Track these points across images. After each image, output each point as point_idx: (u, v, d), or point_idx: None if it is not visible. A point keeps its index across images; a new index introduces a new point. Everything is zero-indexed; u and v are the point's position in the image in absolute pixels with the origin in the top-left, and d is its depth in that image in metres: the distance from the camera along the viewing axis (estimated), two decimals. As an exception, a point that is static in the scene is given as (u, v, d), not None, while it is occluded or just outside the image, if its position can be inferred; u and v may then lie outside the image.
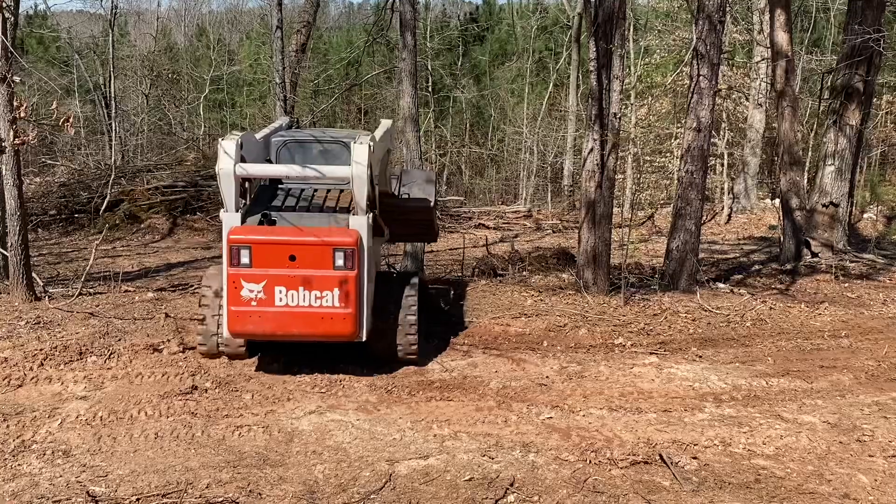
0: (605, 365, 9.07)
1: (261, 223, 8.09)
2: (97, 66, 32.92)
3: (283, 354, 8.71)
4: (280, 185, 8.96)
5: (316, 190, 8.88)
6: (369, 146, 7.81)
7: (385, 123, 10.37)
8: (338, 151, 9.11)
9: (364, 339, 8.11)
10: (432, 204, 11.04)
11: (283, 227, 8.06)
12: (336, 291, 7.78)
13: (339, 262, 7.76)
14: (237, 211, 8.09)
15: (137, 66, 36.18)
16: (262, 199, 8.69)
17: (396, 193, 10.91)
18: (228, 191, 8.01)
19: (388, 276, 9.08)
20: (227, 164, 7.91)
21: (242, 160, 8.10)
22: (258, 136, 9.16)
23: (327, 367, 8.45)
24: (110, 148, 26.37)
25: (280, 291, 7.80)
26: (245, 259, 7.82)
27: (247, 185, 8.73)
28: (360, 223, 7.98)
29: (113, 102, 27.87)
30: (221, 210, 8.26)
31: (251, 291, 7.82)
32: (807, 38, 31.09)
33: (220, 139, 8.17)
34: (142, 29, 44.34)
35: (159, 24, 42.89)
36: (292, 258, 7.80)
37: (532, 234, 23.71)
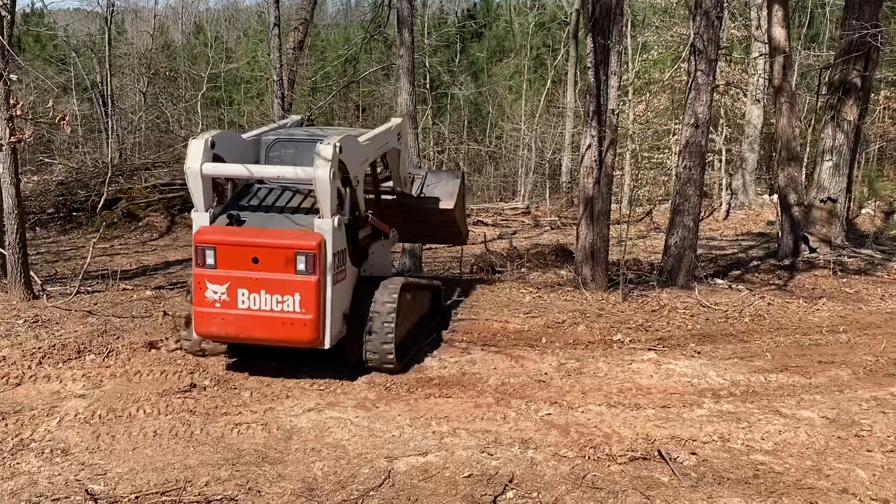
0: (604, 361, 9.08)
1: (229, 224, 7.93)
2: (94, 64, 32.90)
3: (273, 354, 8.66)
4: (262, 185, 8.74)
5: (297, 190, 8.64)
6: (335, 147, 7.59)
7: (394, 121, 10.28)
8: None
9: (327, 345, 7.82)
10: (452, 205, 10.89)
11: (248, 229, 7.89)
12: (297, 296, 7.55)
13: (301, 266, 7.52)
14: (206, 210, 7.99)
15: (135, 63, 36.16)
16: (239, 198, 8.54)
17: (417, 194, 10.89)
18: (196, 190, 7.92)
19: (369, 280, 8.64)
20: (194, 163, 7.82)
21: (219, 159, 8.00)
22: (248, 134, 9.02)
23: (326, 364, 8.44)
24: (108, 146, 26.34)
25: (243, 294, 7.64)
26: (210, 260, 7.70)
27: (228, 184, 8.71)
28: (324, 226, 7.69)
29: (110, 100, 27.84)
30: (193, 209, 8.12)
31: (215, 293, 7.71)
32: (804, 33, 31.09)
33: (191, 138, 8.13)
34: (139, 27, 44.31)
35: (156, 22, 42.88)
36: (255, 260, 7.60)
37: (530, 230, 23.73)
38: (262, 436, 6.81)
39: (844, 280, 14.01)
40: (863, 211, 23.85)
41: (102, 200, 18.55)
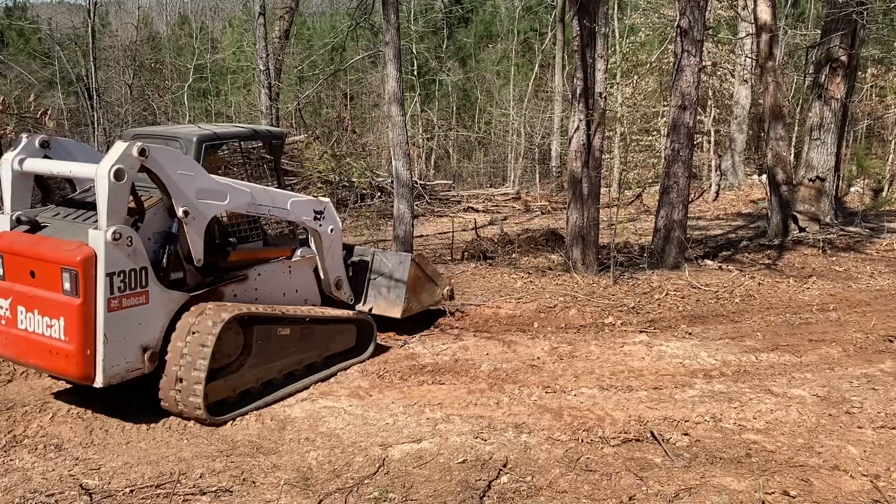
0: (596, 344, 9.11)
1: (27, 230, 6.97)
2: (79, 58, 32.61)
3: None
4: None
5: None
6: (132, 146, 6.33)
7: (317, 199, 8.49)
8: (176, 148, 7.28)
9: (101, 384, 6.43)
10: (400, 313, 9.20)
11: (32, 237, 6.83)
12: (62, 321, 6.34)
13: (66, 284, 6.27)
14: (12, 213, 7.10)
15: (120, 56, 35.89)
16: (64, 201, 7.51)
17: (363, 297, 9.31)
18: (4, 188, 7.16)
19: (200, 309, 6.99)
20: (5, 158, 7.12)
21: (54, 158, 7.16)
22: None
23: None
24: (94, 139, 26.17)
25: (21, 312, 6.63)
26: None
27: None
28: (97, 239, 6.27)
29: (96, 94, 27.65)
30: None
31: (1, 308, 6.80)
32: (790, 12, 31.06)
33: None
34: (123, 18, 43.94)
35: (140, 14, 42.52)
36: (32, 275, 6.54)
37: (521, 216, 23.70)
38: (255, 427, 6.82)
39: (834, 258, 14.07)
40: (852, 189, 23.94)
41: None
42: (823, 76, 15.84)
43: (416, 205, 19.96)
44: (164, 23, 50.84)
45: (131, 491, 5.62)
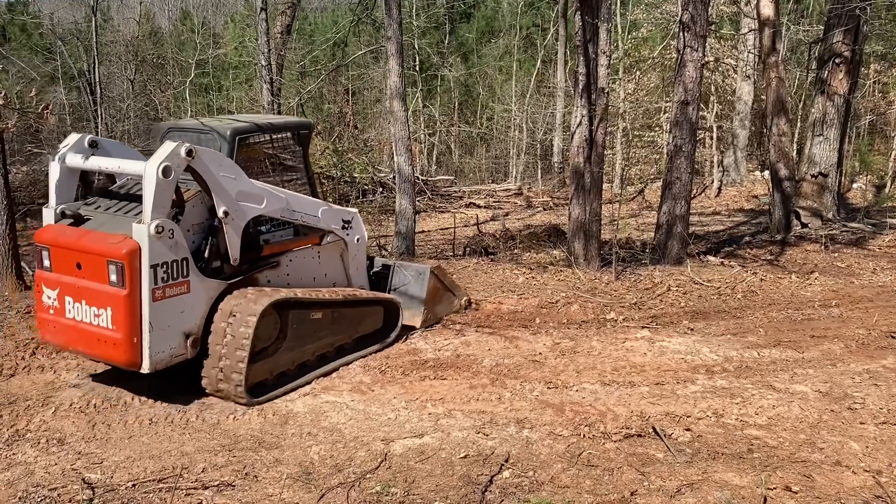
0: (598, 340, 9.10)
1: (72, 223, 7.25)
2: (81, 53, 32.59)
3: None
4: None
5: None
6: (181, 146, 6.67)
7: (349, 210, 8.90)
8: (209, 141, 7.70)
9: (147, 369, 6.75)
10: (420, 322, 9.47)
11: (77, 230, 7.12)
12: (109, 310, 6.70)
13: (113, 276, 6.62)
14: (56, 206, 7.39)
15: (122, 51, 35.84)
16: (104, 194, 7.74)
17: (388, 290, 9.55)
18: (51, 181, 7.47)
19: (240, 295, 7.31)
20: (56, 154, 7.43)
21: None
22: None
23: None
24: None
25: (69, 302, 7.00)
26: (46, 262, 7.16)
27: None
28: (140, 232, 6.60)
29: (98, 89, 27.63)
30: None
31: (49, 298, 7.16)
32: (794, 7, 30.99)
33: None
34: (125, 14, 43.88)
35: (142, 9, 42.44)
36: (79, 266, 6.88)
37: (523, 211, 23.70)
38: (258, 421, 6.82)
39: (836, 254, 14.07)
40: (854, 185, 23.92)
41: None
42: (826, 72, 15.82)
43: (418, 200, 19.98)
44: (165, 18, 50.76)
45: (133, 485, 5.63)
